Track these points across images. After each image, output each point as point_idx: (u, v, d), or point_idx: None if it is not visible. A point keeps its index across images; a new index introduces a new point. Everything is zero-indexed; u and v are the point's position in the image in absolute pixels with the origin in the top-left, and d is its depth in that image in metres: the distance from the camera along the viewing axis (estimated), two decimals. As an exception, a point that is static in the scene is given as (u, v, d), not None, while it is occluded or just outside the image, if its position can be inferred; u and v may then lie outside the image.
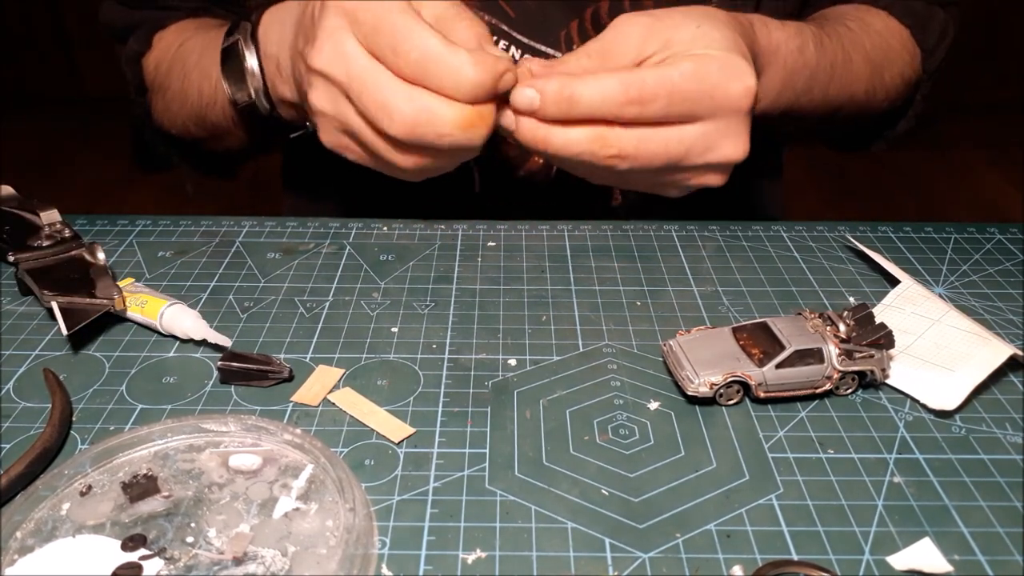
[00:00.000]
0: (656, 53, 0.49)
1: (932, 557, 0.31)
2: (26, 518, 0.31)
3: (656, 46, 0.49)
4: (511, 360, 0.42)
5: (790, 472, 0.35)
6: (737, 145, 0.50)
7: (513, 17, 0.61)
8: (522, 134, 0.48)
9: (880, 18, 0.66)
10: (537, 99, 0.47)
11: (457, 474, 0.35)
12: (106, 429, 0.37)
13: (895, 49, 0.65)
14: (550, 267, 0.51)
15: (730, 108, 0.48)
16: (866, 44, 0.62)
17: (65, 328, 0.41)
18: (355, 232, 0.55)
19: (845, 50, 0.60)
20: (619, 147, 0.48)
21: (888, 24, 0.66)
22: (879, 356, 0.39)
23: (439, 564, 0.30)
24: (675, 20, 0.50)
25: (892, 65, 0.65)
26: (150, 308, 0.43)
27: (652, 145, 0.48)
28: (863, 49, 0.62)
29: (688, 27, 0.49)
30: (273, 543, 0.30)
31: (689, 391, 0.38)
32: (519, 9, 0.61)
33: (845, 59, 0.60)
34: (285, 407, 0.39)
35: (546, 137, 0.48)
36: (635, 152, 0.48)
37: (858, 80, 0.62)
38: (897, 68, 0.66)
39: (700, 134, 0.49)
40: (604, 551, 0.31)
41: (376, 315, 0.46)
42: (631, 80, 0.47)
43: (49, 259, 0.47)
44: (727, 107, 0.48)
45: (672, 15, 0.51)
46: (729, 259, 0.52)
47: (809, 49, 0.57)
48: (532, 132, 0.48)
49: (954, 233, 0.55)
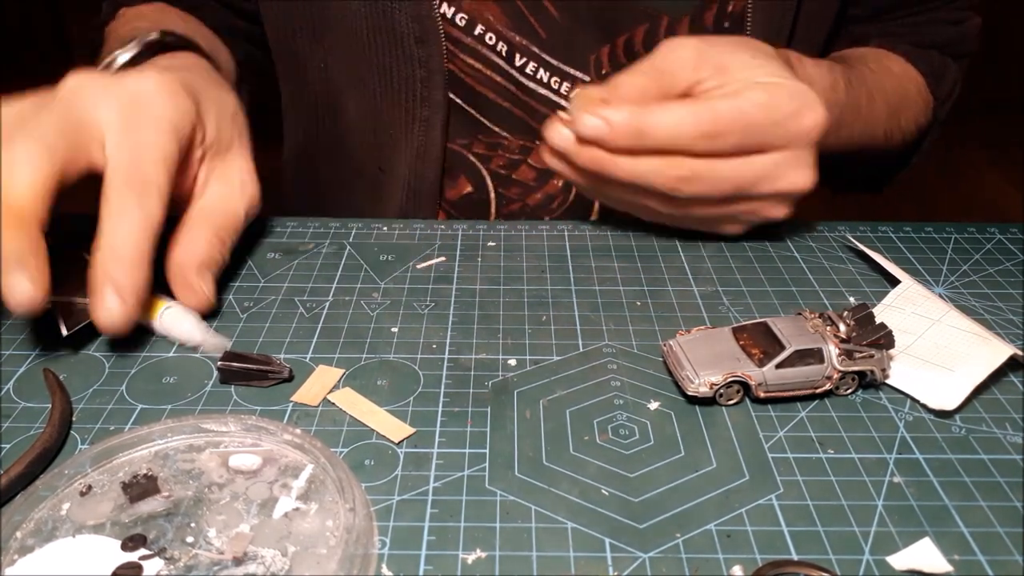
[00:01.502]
0: (709, 78, 0.48)
1: (932, 557, 0.31)
2: (26, 518, 0.31)
3: (709, 71, 0.48)
4: (511, 360, 0.42)
5: (790, 472, 0.35)
6: (806, 175, 0.49)
7: (544, 38, 0.61)
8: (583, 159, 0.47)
9: (898, 63, 0.66)
10: (605, 129, 0.45)
11: (457, 474, 0.35)
12: (106, 429, 0.37)
13: (911, 94, 0.66)
14: (550, 267, 0.51)
15: (800, 138, 0.47)
16: (887, 87, 0.63)
17: (65, 328, 0.41)
18: (355, 232, 0.55)
19: (869, 91, 0.60)
20: (691, 168, 0.47)
21: (906, 70, 0.66)
22: (879, 356, 0.39)
23: (439, 564, 0.30)
24: (727, 47, 0.49)
25: (908, 110, 0.65)
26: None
27: (723, 169, 0.47)
28: (884, 92, 0.62)
29: (743, 55, 0.48)
30: (273, 543, 0.30)
31: (689, 391, 0.38)
32: (551, 31, 0.61)
33: (869, 100, 0.60)
34: (285, 407, 0.39)
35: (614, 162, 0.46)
36: (706, 175, 0.47)
37: (879, 121, 0.62)
38: (912, 113, 0.66)
39: (770, 163, 0.48)
40: (604, 551, 0.31)
41: (376, 315, 0.46)
42: (703, 112, 0.45)
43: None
44: (798, 138, 0.47)
45: (722, 42, 0.50)
46: (729, 259, 0.52)
47: (840, 87, 0.57)
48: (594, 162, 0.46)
49: (954, 233, 0.55)
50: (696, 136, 0.45)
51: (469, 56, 0.61)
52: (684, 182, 0.47)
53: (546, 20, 0.60)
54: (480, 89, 0.62)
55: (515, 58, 0.61)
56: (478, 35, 0.60)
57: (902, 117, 0.65)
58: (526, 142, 0.64)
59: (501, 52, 0.61)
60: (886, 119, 0.63)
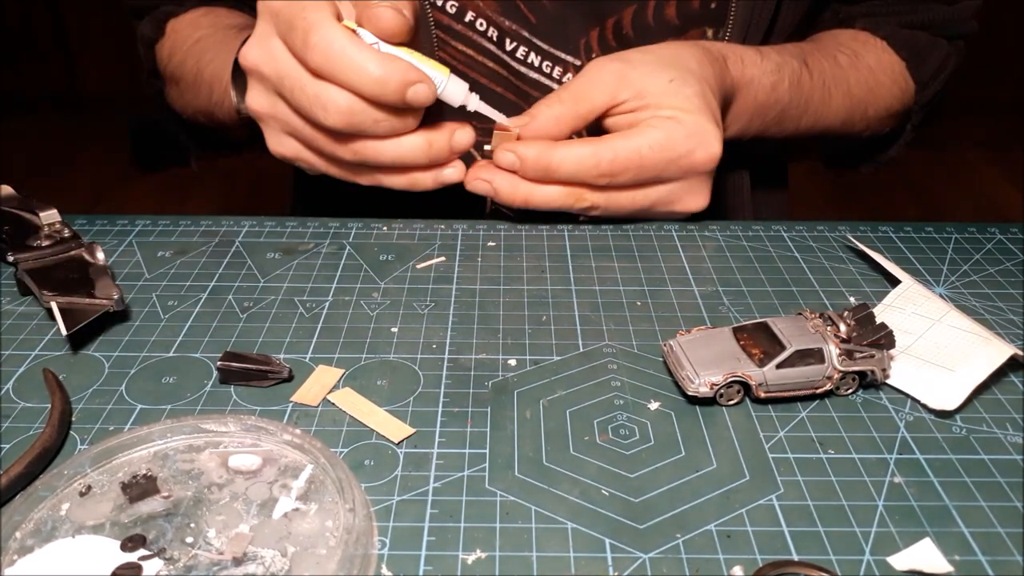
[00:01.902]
0: (628, 100, 0.52)
1: (932, 557, 0.31)
2: (25, 518, 0.31)
3: (628, 94, 0.52)
4: (511, 360, 0.42)
5: (790, 472, 0.35)
6: (698, 200, 0.54)
7: (534, 23, 0.61)
8: (502, 197, 0.52)
9: (875, 52, 0.67)
10: (517, 163, 0.51)
11: (457, 474, 0.35)
12: (105, 429, 0.37)
13: (884, 84, 0.67)
14: (550, 267, 0.51)
15: (694, 172, 0.53)
16: (850, 80, 0.65)
17: (64, 328, 0.41)
18: (355, 232, 0.55)
19: (825, 86, 0.63)
20: (592, 200, 0.53)
21: (881, 59, 0.67)
22: (879, 356, 0.39)
23: (439, 564, 0.30)
24: (648, 68, 0.53)
25: (878, 100, 0.67)
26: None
27: (621, 199, 0.54)
28: (845, 85, 0.64)
29: (660, 79, 0.52)
30: (273, 543, 0.30)
31: (689, 391, 0.38)
32: (541, 16, 0.61)
33: (823, 96, 0.63)
34: (285, 407, 0.38)
35: (527, 197, 0.52)
36: (606, 204, 0.53)
37: (834, 115, 0.65)
38: (884, 103, 0.67)
39: (665, 192, 0.54)
40: (604, 551, 0.31)
41: (376, 315, 0.46)
42: (603, 153, 0.50)
43: (49, 259, 0.47)
44: (691, 171, 0.52)
45: (645, 61, 0.53)
46: (729, 259, 0.52)
47: (783, 86, 0.60)
48: (513, 194, 0.52)
49: (954, 233, 0.55)
50: (596, 175, 0.51)
51: (460, 42, 0.61)
52: (585, 209, 0.54)
53: (536, 5, 0.61)
54: (472, 75, 0.63)
55: (506, 43, 0.62)
56: (468, 21, 0.61)
57: (870, 108, 0.66)
58: None
59: (492, 38, 0.61)
60: (845, 111, 0.65)
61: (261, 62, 0.48)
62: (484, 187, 0.52)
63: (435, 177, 0.52)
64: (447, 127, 0.50)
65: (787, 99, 0.60)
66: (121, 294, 0.44)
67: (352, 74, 0.44)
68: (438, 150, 0.50)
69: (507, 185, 0.52)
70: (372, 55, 0.45)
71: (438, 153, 0.50)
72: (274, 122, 0.51)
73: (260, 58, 0.48)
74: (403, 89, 0.45)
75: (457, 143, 0.50)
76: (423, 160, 0.50)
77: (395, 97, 0.45)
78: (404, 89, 0.45)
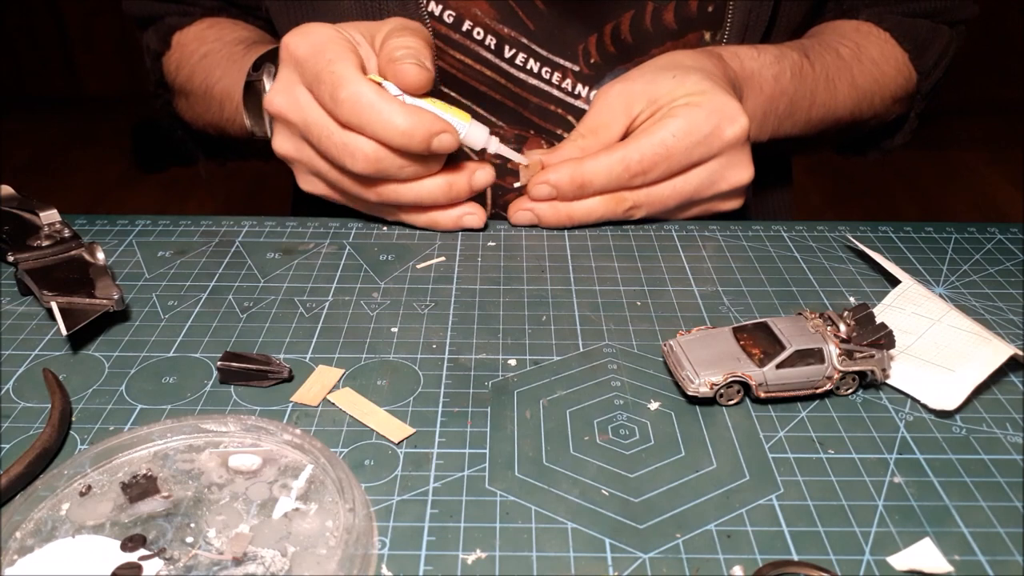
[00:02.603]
0: (643, 111, 0.53)
1: (932, 557, 0.31)
2: (25, 518, 0.31)
3: (641, 105, 0.53)
4: (511, 360, 0.42)
5: (790, 472, 0.35)
6: (742, 171, 0.54)
7: (532, 30, 0.62)
8: (547, 222, 0.54)
9: (877, 44, 0.67)
10: (553, 192, 0.53)
11: (457, 474, 0.35)
12: (106, 429, 0.37)
13: (888, 75, 0.67)
14: (550, 267, 0.51)
15: (728, 145, 0.52)
16: (854, 71, 0.65)
17: (64, 328, 0.41)
18: (355, 232, 0.55)
19: (829, 78, 0.63)
20: (633, 200, 0.53)
21: (884, 50, 0.67)
22: (879, 356, 0.39)
23: (439, 564, 0.30)
24: (649, 76, 0.54)
25: (883, 90, 0.67)
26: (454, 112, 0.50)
27: (663, 191, 0.53)
28: (849, 76, 0.65)
29: (664, 80, 0.53)
30: (273, 543, 0.30)
31: (689, 391, 0.38)
32: (539, 22, 0.61)
33: (828, 87, 0.63)
34: (285, 407, 0.38)
35: (569, 214, 0.54)
36: (648, 200, 0.53)
37: (842, 105, 0.65)
38: (889, 92, 0.68)
39: (705, 174, 0.53)
40: (604, 551, 0.31)
41: (376, 315, 0.46)
42: (630, 155, 0.51)
43: (48, 259, 0.47)
44: (724, 147, 0.52)
45: (644, 72, 0.55)
46: (730, 259, 0.52)
47: (786, 77, 0.60)
48: (556, 216, 0.54)
49: (954, 233, 0.55)
50: (629, 177, 0.52)
51: (458, 51, 0.62)
52: (632, 211, 0.54)
53: (534, 12, 0.61)
54: (471, 83, 0.63)
55: (504, 51, 0.62)
56: (466, 31, 0.61)
57: (876, 98, 0.67)
58: (520, 131, 0.65)
59: (489, 46, 0.62)
60: (853, 102, 0.65)
61: (287, 110, 0.50)
62: (527, 217, 0.54)
63: (455, 221, 0.54)
64: (467, 168, 0.52)
65: (792, 89, 0.60)
66: (121, 294, 0.44)
67: (380, 127, 0.46)
68: (458, 191, 0.52)
69: (549, 210, 0.54)
70: (399, 109, 0.46)
71: (458, 193, 0.52)
72: (301, 165, 0.53)
73: (285, 106, 0.50)
74: (428, 139, 0.47)
75: (476, 183, 0.52)
76: (443, 200, 0.52)
77: (421, 147, 0.47)
78: (429, 139, 0.47)
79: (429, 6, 0.60)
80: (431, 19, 0.61)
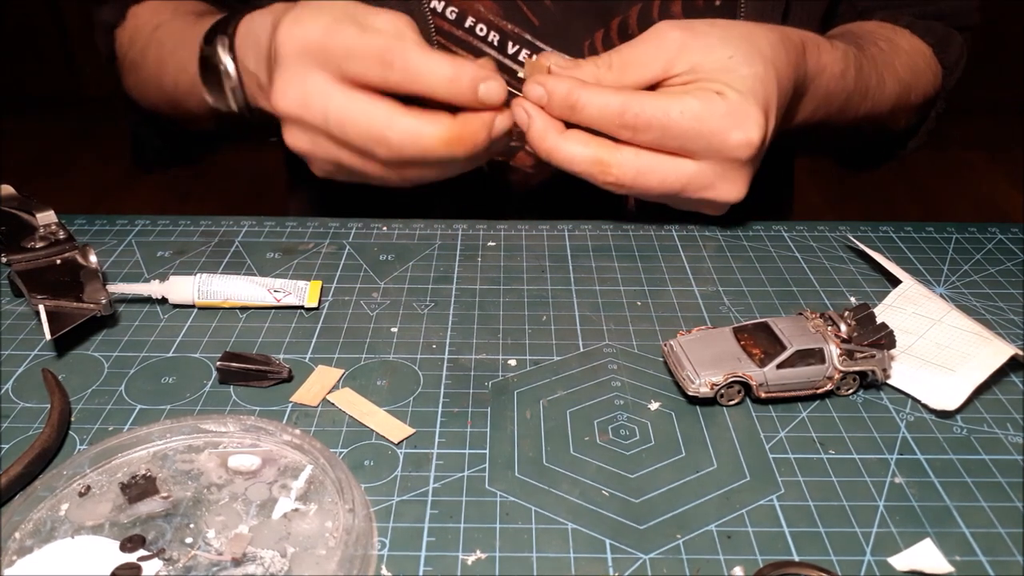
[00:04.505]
0: (681, 75, 0.50)
1: (933, 558, 0.31)
2: (25, 519, 0.31)
3: (683, 67, 0.49)
4: (511, 360, 0.42)
5: (791, 473, 0.35)
6: (733, 190, 0.51)
7: (537, 25, 0.61)
8: (532, 135, 0.50)
9: (905, 38, 0.66)
10: (545, 97, 0.49)
11: (457, 475, 0.35)
12: (105, 429, 0.37)
13: (921, 69, 0.66)
14: (550, 267, 0.51)
15: (727, 155, 0.49)
16: (897, 65, 0.63)
17: (49, 332, 0.41)
18: (355, 232, 0.55)
19: (879, 73, 0.61)
20: (617, 176, 0.50)
21: (913, 43, 0.66)
22: (880, 356, 0.39)
23: (439, 565, 0.30)
24: (710, 41, 0.50)
25: (919, 85, 0.66)
26: None
27: (650, 179, 0.50)
28: (895, 71, 0.63)
29: (719, 55, 0.49)
30: (272, 544, 0.30)
31: (690, 391, 0.38)
32: (543, 17, 0.61)
33: (879, 82, 0.61)
34: (284, 407, 0.38)
35: (552, 148, 0.50)
36: (632, 183, 0.50)
37: (888, 101, 0.63)
38: (923, 88, 0.66)
39: (697, 172, 0.50)
40: (604, 552, 0.31)
41: (376, 315, 0.46)
42: (630, 104, 0.48)
43: (41, 261, 0.46)
44: (723, 153, 0.49)
45: (710, 34, 0.50)
46: (730, 259, 0.52)
47: (851, 74, 0.58)
48: (541, 138, 0.50)
49: (955, 233, 0.55)
50: (619, 124, 0.48)
51: (460, 48, 0.61)
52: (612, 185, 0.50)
53: (539, 7, 0.61)
54: None
55: (507, 46, 0.62)
56: (468, 27, 0.61)
57: (912, 93, 0.65)
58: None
59: (492, 42, 0.61)
60: (896, 98, 0.64)
61: (300, 109, 0.48)
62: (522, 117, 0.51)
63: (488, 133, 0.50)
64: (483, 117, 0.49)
65: (852, 86, 0.58)
66: (110, 298, 0.44)
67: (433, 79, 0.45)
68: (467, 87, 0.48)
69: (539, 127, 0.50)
70: (445, 59, 0.46)
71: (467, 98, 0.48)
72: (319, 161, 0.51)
73: (297, 105, 0.48)
74: (474, 86, 0.46)
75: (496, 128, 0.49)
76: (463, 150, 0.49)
77: (468, 96, 0.46)
78: (475, 86, 0.46)
79: (431, 3, 0.60)
80: (433, 15, 0.60)
